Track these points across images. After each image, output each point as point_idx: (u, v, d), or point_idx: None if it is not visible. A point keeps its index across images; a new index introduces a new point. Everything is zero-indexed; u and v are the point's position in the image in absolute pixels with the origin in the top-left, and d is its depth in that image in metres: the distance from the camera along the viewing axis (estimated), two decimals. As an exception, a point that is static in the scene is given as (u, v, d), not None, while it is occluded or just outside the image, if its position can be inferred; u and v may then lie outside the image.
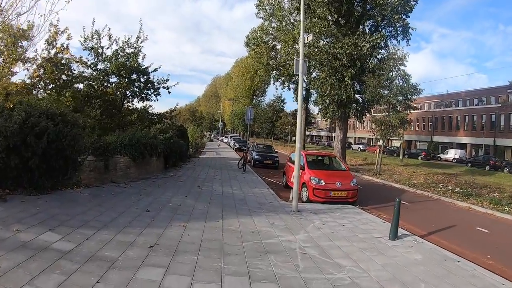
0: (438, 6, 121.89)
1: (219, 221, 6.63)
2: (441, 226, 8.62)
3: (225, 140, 55.63)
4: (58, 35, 11.55)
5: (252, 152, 22.23)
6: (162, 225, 5.90)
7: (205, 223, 6.38)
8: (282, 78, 34.51)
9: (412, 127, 47.17)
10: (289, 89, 35.60)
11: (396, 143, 40.13)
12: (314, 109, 54.20)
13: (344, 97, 20.10)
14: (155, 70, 14.63)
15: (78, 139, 7.74)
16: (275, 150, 25.05)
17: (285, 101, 66.26)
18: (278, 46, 34.53)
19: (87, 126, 11.27)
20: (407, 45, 21.08)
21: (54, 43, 11.52)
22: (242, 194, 10.47)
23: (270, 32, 34.51)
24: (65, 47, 11.74)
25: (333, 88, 20.63)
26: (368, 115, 23.86)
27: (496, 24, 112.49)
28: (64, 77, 12.26)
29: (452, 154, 39.95)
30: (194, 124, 60.19)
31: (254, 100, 61.51)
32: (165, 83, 15.01)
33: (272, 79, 36.97)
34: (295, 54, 30.25)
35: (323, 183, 9.96)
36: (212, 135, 79.78)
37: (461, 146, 43.56)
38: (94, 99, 13.05)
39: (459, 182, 17.05)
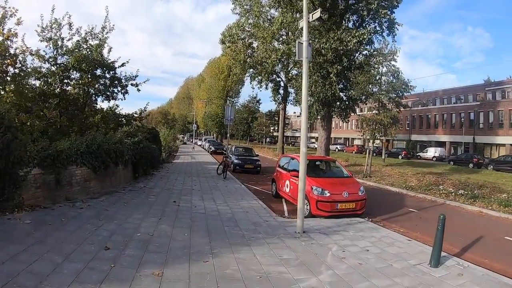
0: (408, 9, 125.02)
1: (209, 261, 4.74)
2: (468, 238, 7.42)
3: (199, 143, 53.22)
4: (6, 18, 9.51)
5: (231, 156, 20.34)
6: (126, 276, 3.98)
7: (189, 267, 4.47)
8: (260, 77, 33.06)
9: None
10: (266, 88, 34.28)
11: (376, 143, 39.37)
12: (289, 110, 53.33)
13: (329, 94, 18.69)
14: (123, 65, 12.66)
15: (14, 147, 5.90)
16: (256, 154, 23.28)
17: (260, 101, 65.05)
18: (255, 44, 33.13)
19: (36, 130, 9.29)
20: (393, 41, 20.08)
21: (1, 28, 9.45)
22: (229, 210, 8.58)
23: (247, 28, 32.96)
24: (14, 33, 9.68)
25: (317, 86, 19.18)
26: (352, 114, 22.63)
27: (465, 26, 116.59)
28: (11, 69, 10.13)
29: (432, 152, 39.75)
30: (166, 126, 57.33)
31: (228, 101, 59.68)
32: (134, 79, 13.05)
33: (249, 78, 35.39)
34: (274, 52, 28.99)
35: (328, 194, 8.27)
36: (185, 138, 77.17)
37: (440, 144, 43.65)
38: (51, 98, 10.96)
39: (454, 183, 16.05)
